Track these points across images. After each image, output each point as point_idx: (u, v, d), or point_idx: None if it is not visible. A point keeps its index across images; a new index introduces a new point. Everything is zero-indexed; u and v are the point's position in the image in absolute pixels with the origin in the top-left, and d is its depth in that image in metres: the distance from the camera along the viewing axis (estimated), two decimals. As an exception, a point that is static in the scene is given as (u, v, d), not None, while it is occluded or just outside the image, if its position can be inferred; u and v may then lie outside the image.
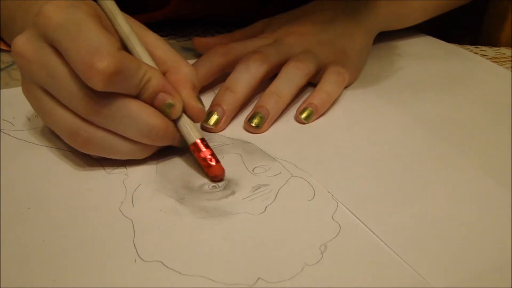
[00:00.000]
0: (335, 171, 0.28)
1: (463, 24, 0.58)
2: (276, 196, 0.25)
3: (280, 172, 0.27)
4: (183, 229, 0.23)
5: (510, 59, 0.49)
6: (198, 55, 0.43)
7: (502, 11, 0.58)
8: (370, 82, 0.40)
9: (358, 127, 0.33)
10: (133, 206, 0.24)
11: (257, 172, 0.27)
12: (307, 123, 0.34)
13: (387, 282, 0.21)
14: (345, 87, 0.39)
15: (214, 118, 0.32)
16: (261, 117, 0.32)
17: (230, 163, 0.28)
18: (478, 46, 0.52)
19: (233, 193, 0.26)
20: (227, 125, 0.33)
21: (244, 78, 0.34)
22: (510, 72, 0.44)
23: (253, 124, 0.32)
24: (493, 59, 0.49)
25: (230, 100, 0.33)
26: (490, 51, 0.51)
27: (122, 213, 0.24)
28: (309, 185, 0.26)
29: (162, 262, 0.21)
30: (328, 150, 0.30)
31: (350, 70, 0.39)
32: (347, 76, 0.38)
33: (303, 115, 0.33)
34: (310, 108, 0.34)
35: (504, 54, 0.51)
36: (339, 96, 0.37)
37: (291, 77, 0.35)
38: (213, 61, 0.37)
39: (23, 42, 0.25)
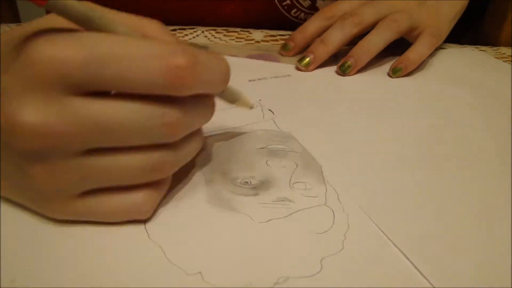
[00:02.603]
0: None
1: (463, 24, 0.51)
2: (291, 215, 0.25)
3: (317, 196, 0.26)
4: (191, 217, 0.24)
5: (510, 59, 0.49)
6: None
7: (502, 11, 0.57)
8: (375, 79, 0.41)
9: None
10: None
11: (295, 186, 0.27)
12: (394, 77, 0.41)
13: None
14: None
15: (306, 60, 0.41)
16: (349, 66, 0.41)
17: (280, 168, 0.28)
18: (478, 46, 0.52)
19: (256, 194, 0.26)
20: (315, 68, 0.42)
21: (337, 34, 0.41)
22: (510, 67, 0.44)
23: (342, 70, 0.41)
24: (492, 59, 0.50)
25: (321, 50, 0.41)
26: (490, 51, 0.51)
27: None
28: (333, 218, 0.24)
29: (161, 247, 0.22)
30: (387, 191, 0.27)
31: (442, 35, 0.45)
32: (439, 40, 0.44)
33: (393, 71, 0.41)
34: (400, 66, 0.41)
35: (504, 54, 0.51)
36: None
37: (382, 34, 0.41)
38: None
39: (34, 115, 0.18)
